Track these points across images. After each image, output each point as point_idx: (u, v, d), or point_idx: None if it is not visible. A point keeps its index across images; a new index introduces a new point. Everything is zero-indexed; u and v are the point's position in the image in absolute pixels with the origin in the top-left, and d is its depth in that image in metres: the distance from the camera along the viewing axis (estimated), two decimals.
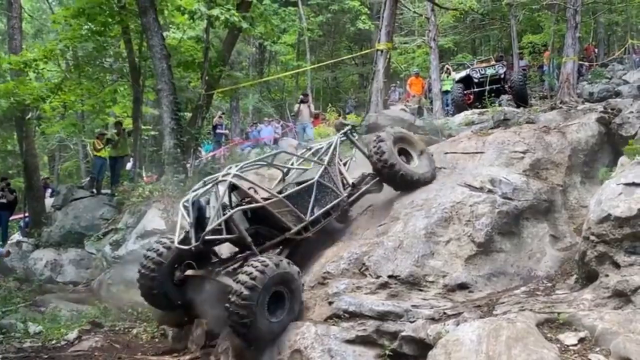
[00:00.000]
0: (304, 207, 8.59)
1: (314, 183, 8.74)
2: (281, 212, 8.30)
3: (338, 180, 9.25)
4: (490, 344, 5.86)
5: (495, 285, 7.85)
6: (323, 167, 9.03)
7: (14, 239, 18.92)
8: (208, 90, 17.78)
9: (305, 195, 8.69)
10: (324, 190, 8.95)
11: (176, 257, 8.46)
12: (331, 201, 8.97)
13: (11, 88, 17.28)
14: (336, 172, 9.32)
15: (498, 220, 8.31)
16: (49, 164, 32.09)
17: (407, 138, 9.71)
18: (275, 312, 7.33)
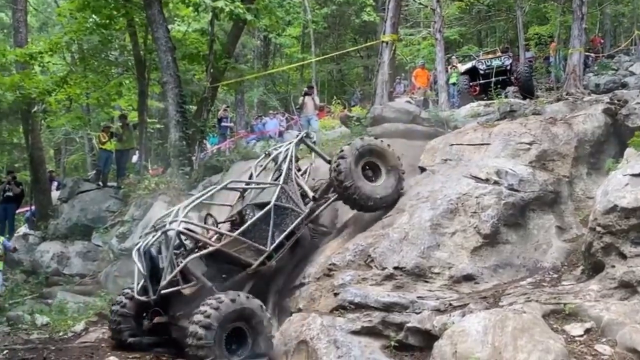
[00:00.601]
0: (262, 237, 8.21)
1: (270, 208, 8.29)
2: (239, 250, 8.04)
3: (297, 196, 8.84)
4: (496, 334, 5.87)
5: (501, 277, 7.85)
6: (279, 188, 8.58)
7: (21, 232, 18.98)
8: (213, 83, 17.77)
9: (263, 223, 8.25)
10: (283, 213, 8.54)
11: (141, 307, 8.14)
12: (292, 222, 8.57)
13: (17, 81, 17.30)
14: (294, 188, 8.90)
15: (504, 211, 8.29)
16: (55, 157, 32.13)
17: (379, 151, 9.16)
18: (237, 350, 7.13)
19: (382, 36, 16.23)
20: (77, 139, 31.51)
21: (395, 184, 9.08)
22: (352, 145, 8.98)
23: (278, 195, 8.44)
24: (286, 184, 8.69)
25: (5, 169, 24.54)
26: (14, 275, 14.67)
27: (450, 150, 10.04)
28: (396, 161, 9.25)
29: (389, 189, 9.01)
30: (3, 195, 17.60)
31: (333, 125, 21.84)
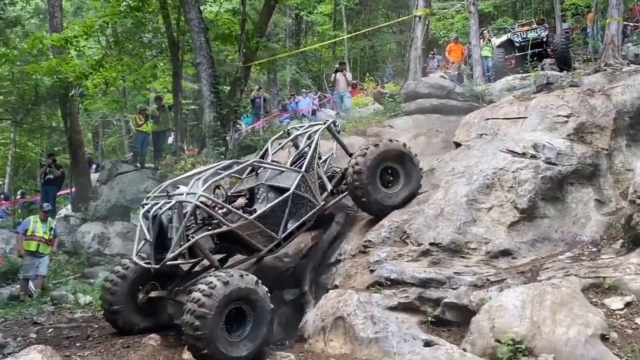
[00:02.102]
0: (276, 224, 7.97)
1: (289, 196, 8.06)
2: (251, 234, 7.74)
3: (316, 187, 8.51)
4: (534, 309, 5.85)
5: (539, 251, 7.78)
6: (300, 175, 8.30)
7: (62, 214, 19.44)
8: (246, 63, 17.80)
9: (279, 210, 8.02)
10: (300, 202, 8.27)
11: (138, 278, 7.91)
12: (307, 212, 8.32)
13: (54, 66, 17.57)
14: (314, 178, 8.55)
15: (541, 185, 8.19)
16: (93, 140, 32.70)
17: (398, 154, 8.72)
18: (237, 330, 6.86)
19: (415, 11, 16.06)
20: (113, 121, 32.00)
21: (407, 195, 8.71)
22: (372, 149, 8.54)
23: (298, 184, 8.20)
24: (307, 173, 8.39)
25: (45, 153, 25.11)
26: (57, 256, 15.04)
27: (486, 124, 9.92)
28: (417, 167, 8.87)
29: (401, 199, 8.67)
30: (44, 178, 18.04)
31: (366, 102, 21.76)
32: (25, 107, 19.97)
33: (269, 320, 7.03)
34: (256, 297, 6.91)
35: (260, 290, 6.96)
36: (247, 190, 8.74)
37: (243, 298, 6.81)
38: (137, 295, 7.89)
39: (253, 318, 6.91)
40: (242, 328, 6.88)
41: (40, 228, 12.77)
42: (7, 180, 26.02)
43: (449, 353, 5.24)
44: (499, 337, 5.86)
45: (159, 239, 7.42)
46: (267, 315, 6.99)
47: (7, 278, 13.76)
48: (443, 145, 10.44)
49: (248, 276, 6.93)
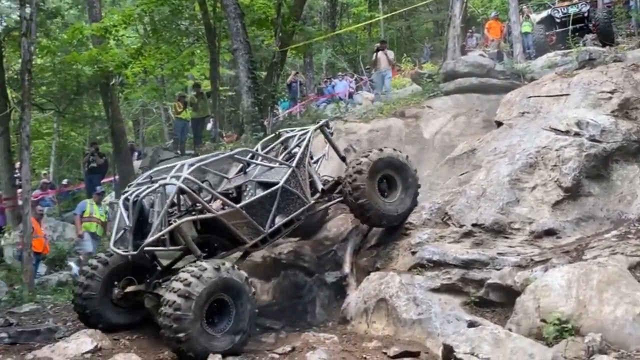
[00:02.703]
0: (263, 217, 7.56)
1: (278, 190, 7.69)
2: (237, 224, 7.31)
3: (306, 185, 8.10)
4: (580, 288, 5.78)
5: (584, 230, 7.65)
6: (290, 170, 7.92)
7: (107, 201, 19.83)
8: (282, 47, 17.82)
9: (267, 203, 7.64)
10: (289, 197, 7.88)
11: (115, 271, 7.42)
12: (295, 209, 7.88)
13: (94, 55, 17.86)
14: (305, 175, 8.14)
15: (586, 163, 8.03)
16: (133, 128, 33.20)
17: (397, 164, 8.38)
18: (218, 324, 6.50)
19: None
20: (153, 109, 32.40)
21: (409, 204, 8.41)
22: (371, 155, 8.23)
23: (288, 178, 7.81)
24: (298, 169, 8.00)
25: (88, 142, 25.62)
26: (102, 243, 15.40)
27: (528, 102, 9.74)
28: (414, 177, 8.54)
29: (402, 209, 8.34)
30: (88, 167, 18.41)
31: (404, 83, 21.58)
32: (67, 97, 20.35)
33: (251, 308, 6.66)
34: (236, 285, 6.55)
35: (239, 277, 6.60)
36: (235, 188, 8.34)
37: (223, 289, 6.45)
38: (111, 291, 7.36)
39: (235, 307, 6.56)
40: (224, 319, 6.54)
41: (97, 210, 13.17)
42: (51, 170, 26.63)
43: (494, 333, 5.21)
44: (544, 317, 5.81)
45: (139, 225, 7.07)
46: (248, 302, 6.64)
47: (55, 265, 14.15)
48: (484, 125, 10.31)
49: (224, 265, 6.57)
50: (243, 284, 6.61)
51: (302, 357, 6.22)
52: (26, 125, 11.55)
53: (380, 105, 15.16)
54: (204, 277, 6.25)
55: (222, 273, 6.41)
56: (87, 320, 7.32)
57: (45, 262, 13.76)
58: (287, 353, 6.47)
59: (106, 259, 7.42)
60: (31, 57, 12.12)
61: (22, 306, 10.01)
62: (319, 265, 9.11)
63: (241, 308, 6.57)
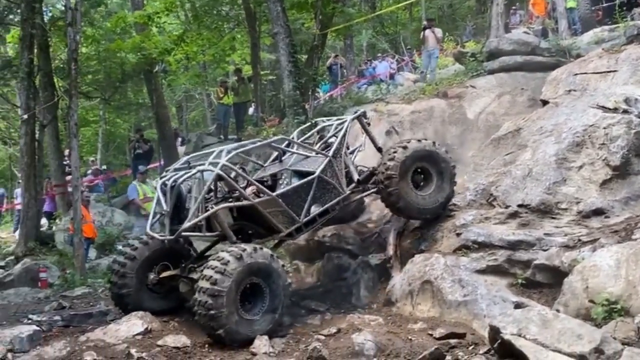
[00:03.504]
0: (299, 206, 7.55)
1: (314, 179, 7.66)
2: (272, 212, 7.34)
3: (342, 175, 8.01)
4: (630, 268, 5.68)
5: (633, 209, 7.45)
6: (327, 160, 7.84)
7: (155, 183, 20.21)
8: (322, 30, 17.76)
9: (303, 192, 7.63)
10: (325, 187, 7.82)
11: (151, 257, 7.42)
12: (331, 199, 7.83)
13: (138, 43, 18.14)
14: (341, 165, 8.05)
15: (635, 141, 7.80)
16: (177, 114, 33.65)
17: (432, 156, 8.17)
18: (252, 308, 6.55)
19: None
20: (196, 95, 32.76)
21: (445, 197, 8.19)
22: (408, 146, 8.06)
23: (324, 168, 7.75)
24: (334, 159, 7.92)
25: (133, 128, 26.09)
26: None
27: (574, 80, 9.53)
28: (451, 169, 8.26)
29: (437, 202, 8.14)
30: (134, 153, 18.80)
31: (446, 63, 21.30)
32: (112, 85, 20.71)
33: (283, 283, 6.69)
34: (272, 271, 6.60)
35: (276, 264, 6.67)
36: (270, 176, 8.35)
37: (258, 272, 6.51)
38: (147, 276, 7.38)
39: (268, 286, 6.59)
40: (259, 301, 6.59)
41: (148, 189, 13.49)
42: (99, 157, 27.23)
43: (541, 314, 5.15)
44: (592, 298, 5.73)
45: (176, 210, 7.16)
46: (279, 278, 6.67)
47: (105, 249, 14.51)
48: (529, 104, 10.14)
49: (262, 250, 6.65)
50: (269, 262, 6.62)
51: (348, 338, 6.27)
52: (74, 114, 11.85)
53: (422, 85, 15.03)
54: (228, 270, 6.25)
55: (246, 259, 6.39)
56: (123, 306, 7.38)
57: (95, 247, 14.13)
58: (332, 335, 6.53)
59: (142, 245, 7.42)
60: (77, 46, 12.40)
61: (74, 290, 10.35)
62: (363, 248, 9.14)
63: (273, 286, 6.61)
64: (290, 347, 6.29)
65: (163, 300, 7.47)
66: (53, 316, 7.86)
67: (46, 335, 6.86)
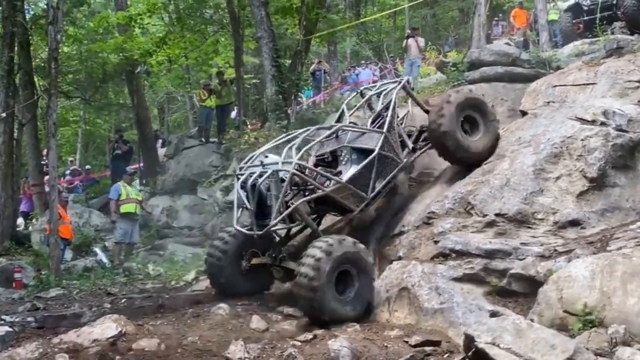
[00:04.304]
0: (365, 185, 8.27)
1: (375, 157, 8.29)
2: (344, 197, 8.12)
3: (398, 146, 8.69)
4: (604, 279, 5.73)
5: (609, 221, 7.55)
6: (383, 136, 8.45)
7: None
8: (306, 36, 17.81)
9: (367, 171, 8.30)
10: (385, 161, 8.49)
11: (240, 246, 8.40)
12: (392, 170, 8.56)
13: (120, 43, 18.04)
14: (395, 137, 8.70)
15: (612, 153, 7.91)
16: (158, 116, 33.47)
17: (478, 105, 8.86)
18: (344, 291, 7.27)
19: None
20: (178, 97, 32.62)
21: (490, 142, 8.79)
22: (455, 95, 8.74)
23: (382, 144, 8.37)
24: (389, 133, 8.55)
25: (113, 129, 25.92)
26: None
27: (553, 91, 9.62)
28: (494, 117, 8.99)
29: (484, 146, 8.74)
30: (113, 154, 18.66)
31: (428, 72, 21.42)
32: (93, 85, 20.61)
33: (370, 279, 7.50)
34: (357, 258, 7.33)
35: (359, 250, 7.41)
36: (330, 154, 9.00)
37: (346, 261, 7.21)
38: (240, 263, 8.41)
39: (358, 277, 7.32)
40: (349, 289, 7.31)
41: (132, 190, 13.39)
42: (78, 157, 26.99)
43: (516, 323, 5.18)
44: (567, 308, 5.78)
45: (259, 207, 7.90)
46: (369, 273, 7.46)
47: (81, 251, 14.40)
48: (509, 114, 10.20)
49: (345, 240, 7.33)
50: (363, 256, 7.43)
51: (324, 344, 6.24)
52: (53, 113, 11.74)
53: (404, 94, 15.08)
54: (331, 251, 7.05)
55: (345, 247, 7.20)
56: (221, 289, 8.49)
57: (71, 248, 13.99)
58: (308, 341, 6.49)
59: (231, 237, 8.40)
60: (58, 45, 12.31)
61: (49, 291, 10.24)
62: None
63: (363, 278, 7.37)
64: (266, 352, 6.25)
65: (253, 282, 8.50)
66: (26, 317, 7.75)
67: (19, 337, 6.77)
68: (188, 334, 6.62)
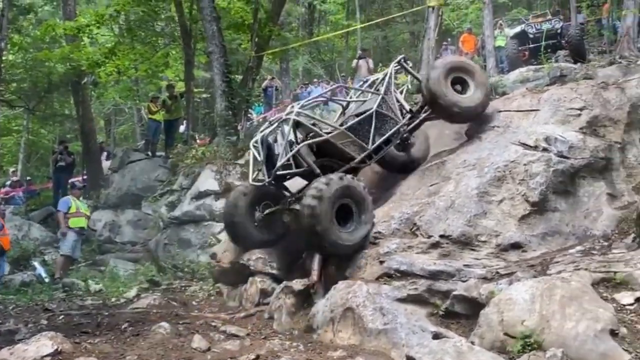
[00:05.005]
0: (365, 136, 8.96)
1: (372, 113, 9.05)
2: (344, 144, 8.76)
3: (396, 108, 9.47)
4: (544, 302, 5.82)
5: (549, 245, 7.74)
6: (380, 97, 9.27)
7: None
8: (258, 52, 17.81)
9: (366, 125, 9.03)
10: (383, 119, 9.24)
11: (254, 200, 9.06)
12: (391, 128, 9.25)
13: (66, 53, 17.66)
14: (393, 100, 9.53)
15: (553, 179, 8.14)
16: (105, 128, 32.82)
17: (465, 67, 9.76)
18: (345, 224, 7.93)
19: (429, 1, 15.93)
20: (126, 109, 32.09)
21: (481, 97, 9.54)
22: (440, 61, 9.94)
23: (379, 103, 9.18)
24: (386, 94, 9.39)
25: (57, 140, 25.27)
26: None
27: (498, 116, 9.85)
28: (484, 78, 9.90)
29: (476, 101, 9.47)
30: (56, 165, 18.17)
31: None
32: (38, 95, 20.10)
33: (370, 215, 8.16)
34: (357, 192, 8.04)
35: (359, 186, 8.13)
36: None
37: (347, 194, 7.91)
38: (254, 215, 9.07)
39: (358, 212, 8.05)
40: (350, 223, 8.01)
41: (82, 205, 13.02)
42: (20, 167, 26.20)
43: (456, 346, 5.23)
44: (507, 331, 5.84)
45: (269, 160, 8.66)
46: (368, 210, 8.14)
47: (19, 264, 13.91)
48: (455, 137, 10.37)
49: (346, 175, 8.11)
50: (362, 191, 8.12)
51: None
52: None
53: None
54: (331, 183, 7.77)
55: (345, 181, 7.94)
56: (238, 241, 9.36)
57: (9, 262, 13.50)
58: None
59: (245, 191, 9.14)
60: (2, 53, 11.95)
61: None
62: (287, 273, 9.07)
63: (363, 214, 8.08)
64: None
65: (268, 232, 9.20)
66: None
67: None
68: (127, 353, 6.45)
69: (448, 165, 9.00)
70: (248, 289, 9.25)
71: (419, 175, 9.42)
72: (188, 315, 8.62)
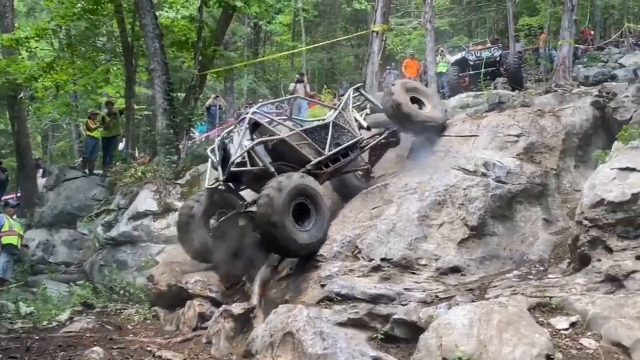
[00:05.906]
0: (322, 142, 9.11)
1: (330, 123, 9.30)
2: (300, 145, 8.87)
3: (354, 124, 9.74)
4: (482, 328, 5.87)
5: (487, 269, 7.86)
6: (337, 112, 9.60)
7: None
8: (202, 71, 17.63)
9: (323, 133, 9.21)
10: (340, 131, 9.44)
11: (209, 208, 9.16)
12: (349, 141, 9.42)
13: (3, 67, 17.09)
14: (351, 117, 9.81)
15: (491, 204, 8.29)
16: (42, 144, 31.88)
17: (419, 89, 10.52)
18: (303, 223, 8.11)
19: (373, 26, 16.13)
20: (64, 126, 31.24)
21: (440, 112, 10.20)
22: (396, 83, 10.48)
23: (337, 117, 9.47)
24: (344, 111, 9.75)
25: None
26: None
27: (440, 141, 10.00)
28: (438, 100, 10.80)
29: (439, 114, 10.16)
30: None
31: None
32: None
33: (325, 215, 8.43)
34: (312, 192, 8.25)
35: (315, 185, 8.36)
36: None
37: (303, 193, 8.10)
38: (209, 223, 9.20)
39: (315, 210, 8.27)
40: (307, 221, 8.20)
41: (15, 224, 12.44)
42: None
43: None
44: (446, 356, 5.85)
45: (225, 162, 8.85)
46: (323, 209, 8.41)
47: None
48: (397, 161, 10.48)
49: (302, 175, 8.29)
50: (320, 195, 8.40)
51: None
52: None
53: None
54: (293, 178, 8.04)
55: (301, 180, 8.15)
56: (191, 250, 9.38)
57: None
58: None
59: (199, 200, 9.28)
60: None
61: None
62: (227, 296, 8.94)
63: (318, 213, 8.32)
64: None
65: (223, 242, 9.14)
66: None
67: None
68: None
69: (390, 189, 9.05)
70: (186, 312, 9.06)
71: (362, 198, 9.43)
72: (123, 340, 8.35)
